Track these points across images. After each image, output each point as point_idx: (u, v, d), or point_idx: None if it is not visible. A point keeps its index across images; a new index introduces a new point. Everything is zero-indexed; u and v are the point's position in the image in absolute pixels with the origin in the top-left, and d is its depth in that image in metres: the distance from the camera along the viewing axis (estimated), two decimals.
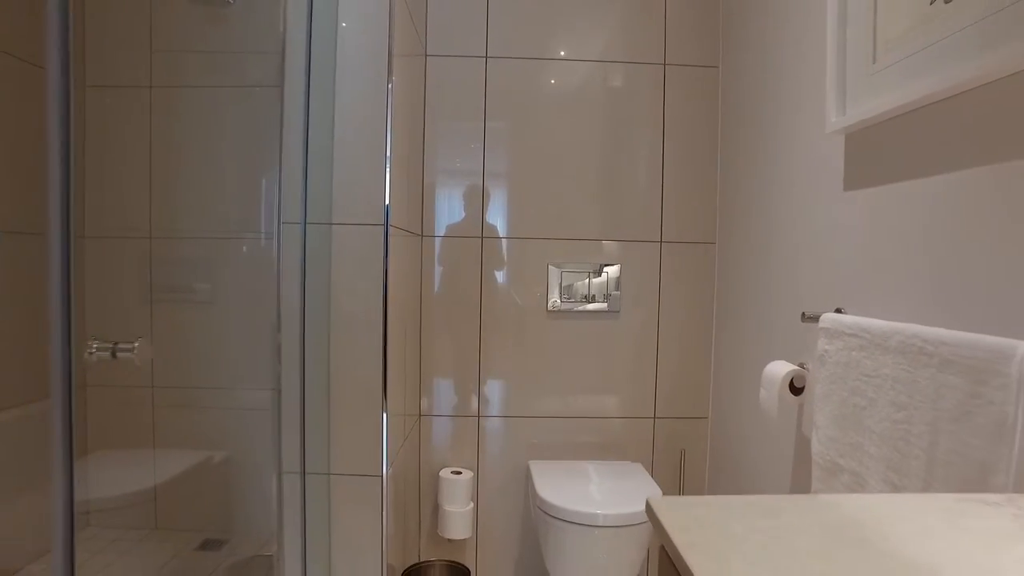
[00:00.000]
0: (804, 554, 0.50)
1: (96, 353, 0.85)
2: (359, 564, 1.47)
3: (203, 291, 2.17)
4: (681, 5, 1.97)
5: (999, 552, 0.50)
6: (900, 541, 0.52)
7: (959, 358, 0.83)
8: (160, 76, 2.31)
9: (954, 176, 0.95)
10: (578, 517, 1.54)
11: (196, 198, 2.24)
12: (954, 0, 0.93)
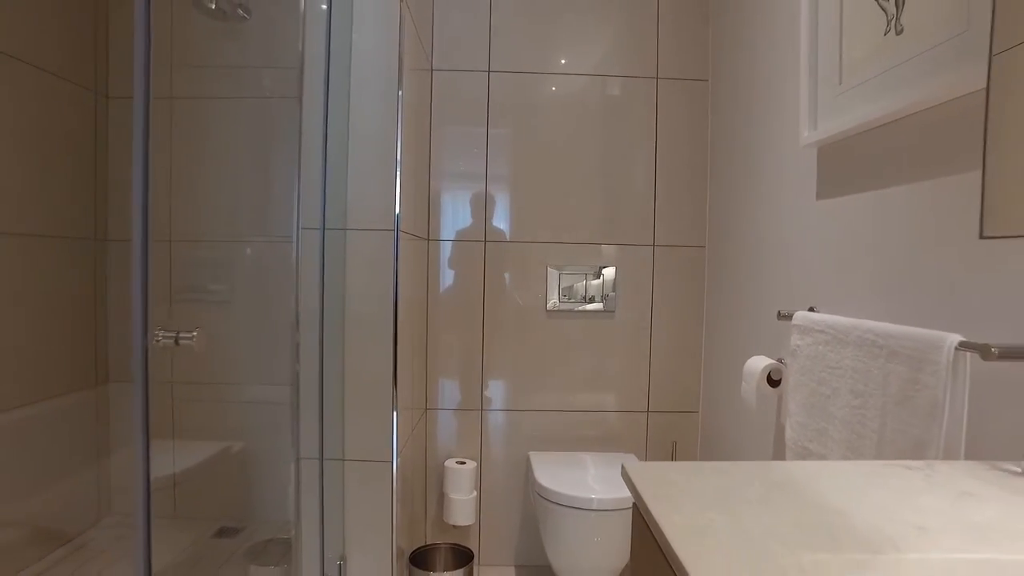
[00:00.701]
0: (744, 500, 0.61)
1: (162, 341, 0.95)
2: (371, 545, 1.59)
3: (222, 291, 2.30)
4: (673, 22, 2.09)
5: (903, 501, 0.62)
6: (825, 493, 0.64)
7: (903, 349, 0.94)
8: (180, 87, 2.44)
9: (901, 189, 1.07)
10: (574, 501, 1.66)
11: (217, 204, 2.36)
12: (904, 33, 1.05)
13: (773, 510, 0.59)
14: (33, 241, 2.04)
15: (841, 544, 0.52)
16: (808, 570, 0.48)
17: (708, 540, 0.53)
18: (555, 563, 1.77)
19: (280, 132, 2.00)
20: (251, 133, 2.22)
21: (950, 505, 0.61)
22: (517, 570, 2.12)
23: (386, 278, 1.53)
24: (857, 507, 0.60)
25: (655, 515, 0.59)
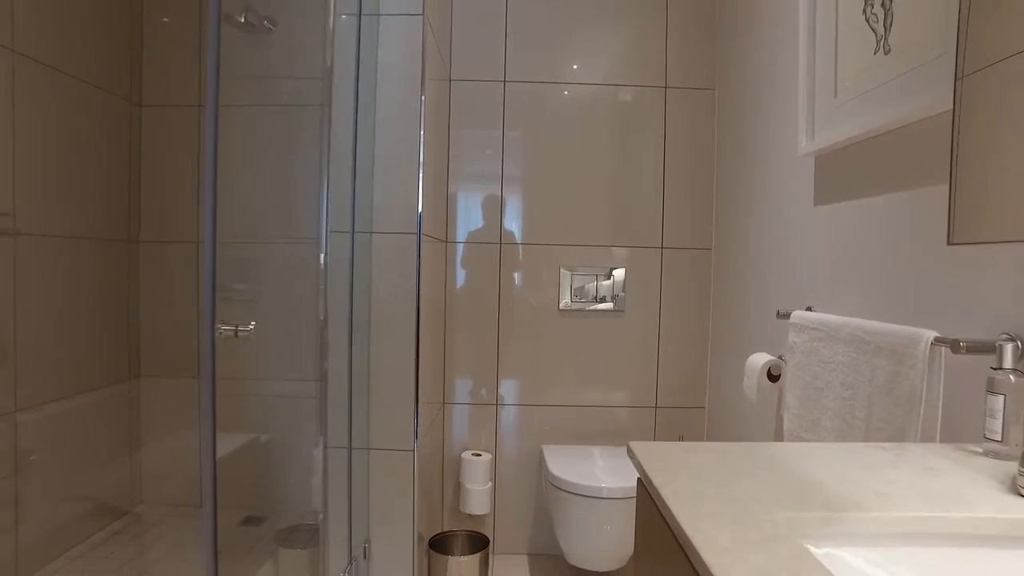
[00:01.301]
0: (733, 473, 0.71)
1: (223, 332, 1.04)
2: (394, 529, 1.69)
3: (249, 291, 2.41)
4: (681, 34, 2.18)
5: (872, 475, 0.71)
6: (804, 468, 0.73)
7: (886, 344, 1.03)
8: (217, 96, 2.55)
9: (887, 198, 1.16)
10: (586, 490, 1.75)
11: (248, 207, 2.48)
12: (891, 53, 1.13)
13: (758, 481, 0.68)
14: (71, 242, 2.16)
15: (812, 505, 0.61)
16: (780, 523, 0.57)
17: (700, 503, 0.62)
18: (567, 550, 1.87)
19: (309, 139, 2.10)
20: (280, 140, 2.33)
21: (912, 477, 0.70)
22: (530, 558, 2.22)
23: (409, 279, 1.63)
24: (831, 479, 0.69)
25: (656, 484, 0.68)
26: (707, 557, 0.50)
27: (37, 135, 1.96)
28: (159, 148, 2.55)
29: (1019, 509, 0.61)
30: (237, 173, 2.52)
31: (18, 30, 1.87)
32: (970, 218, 0.81)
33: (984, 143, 0.79)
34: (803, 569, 0.48)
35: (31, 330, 1.96)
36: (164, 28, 2.53)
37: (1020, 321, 0.85)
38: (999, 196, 0.78)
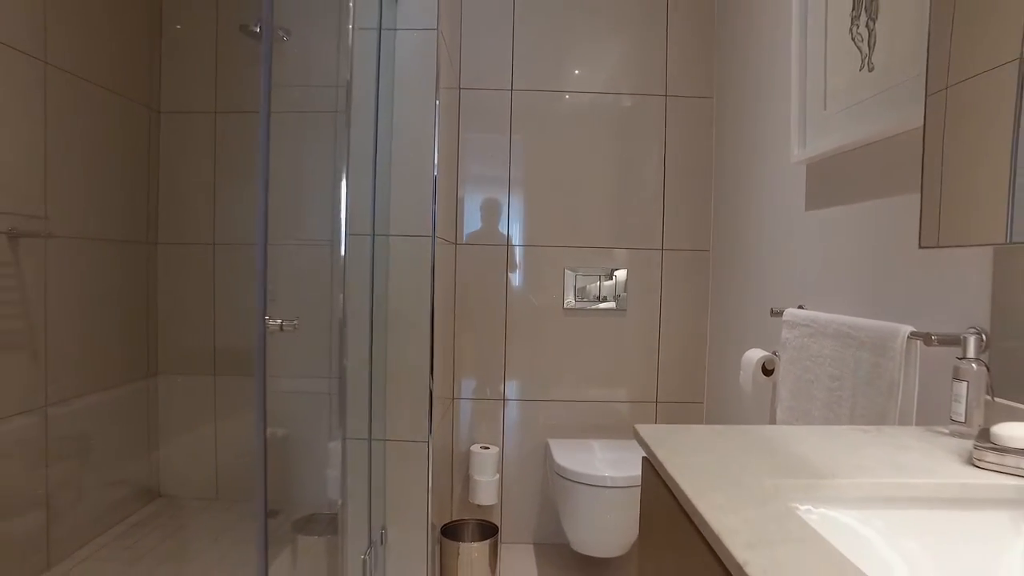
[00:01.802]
0: (728, 450, 0.80)
1: (270, 326, 1.11)
2: (408, 516, 1.79)
3: (272, 291, 2.51)
4: (681, 45, 2.28)
5: (851, 452, 0.80)
6: (791, 446, 0.82)
7: (868, 339, 1.13)
8: (224, 103, 2.65)
9: (870, 204, 1.25)
10: (590, 479, 1.85)
11: (273, 210, 2.57)
12: (875, 71, 1.23)
13: (749, 456, 0.78)
14: (94, 244, 2.25)
15: (796, 474, 0.71)
16: (767, 488, 0.67)
17: (700, 473, 0.72)
18: (572, 537, 1.96)
19: (328, 145, 2.19)
20: (298, 145, 2.42)
21: (886, 453, 0.80)
22: (536, 547, 2.31)
23: (423, 280, 1.72)
24: (814, 455, 0.79)
25: (660, 459, 0.78)
26: (706, 514, 0.60)
27: (65, 142, 2.05)
28: (176, 153, 2.64)
29: (972, 477, 0.70)
30: (257, 176, 2.61)
31: (49, 42, 1.96)
32: (938, 224, 0.91)
33: (951, 156, 0.89)
34: (788, 521, 0.58)
35: (59, 329, 2.05)
36: (181, 37, 2.62)
37: (985, 316, 0.94)
38: (964, 204, 0.87)
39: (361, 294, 1.68)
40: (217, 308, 2.65)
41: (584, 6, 2.28)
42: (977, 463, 0.74)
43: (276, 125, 2.56)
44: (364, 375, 1.67)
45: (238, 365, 2.66)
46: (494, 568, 1.96)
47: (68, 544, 2.11)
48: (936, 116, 0.91)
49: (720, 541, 0.55)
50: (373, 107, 1.66)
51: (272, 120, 2.61)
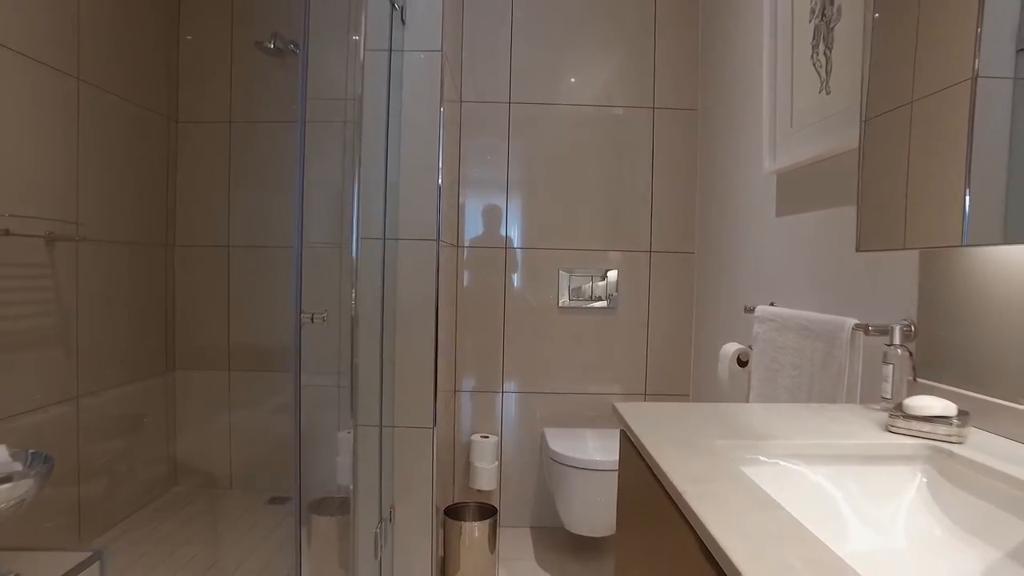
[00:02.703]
0: (687, 421, 0.96)
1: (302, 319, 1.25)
2: (414, 498, 1.94)
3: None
4: (668, 60, 2.44)
5: (792, 422, 0.96)
6: (742, 419, 0.98)
7: (822, 331, 1.29)
8: (238, 113, 2.81)
9: (825, 212, 1.41)
10: (582, 463, 2.01)
11: (275, 215, 2.73)
12: (831, 94, 1.39)
13: (706, 426, 0.94)
14: (118, 247, 2.40)
15: (741, 437, 0.86)
16: (716, 447, 0.83)
17: (661, 437, 0.87)
18: (565, 518, 2.12)
19: (342, 153, 2.33)
20: (314, 154, 2.58)
21: (821, 424, 0.95)
22: (532, 530, 2.47)
23: (429, 279, 1.88)
24: (759, 425, 0.94)
25: (632, 428, 0.93)
26: (663, 464, 0.76)
27: (95, 151, 2.21)
28: (192, 160, 2.80)
29: (883, 439, 0.86)
30: (268, 183, 2.77)
31: (81, 58, 2.11)
32: (868, 231, 1.07)
33: (883, 172, 1.05)
34: (724, 467, 0.74)
35: (88, 326, 2.20)
36: (198, 51, 2.77)
37: (915, 309, 1.10)
38: (894, 214, 1.03)
39: (373, 293, 1.84)
40: (231, 307, 2.81)
41: (577, 25, 2.44)
42: (891, 429, 0.90)
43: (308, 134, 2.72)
44: (376, 367, 1.83)
45: (251, 361, 2.82)
46: (493, 546, 2.11)
47: (97, 526, 2.26)
48: (872, 138, 1.07)
49: (669, 480, 0.70)
50: (384, 120, 1.82)
51: (292, 129, 2.76)
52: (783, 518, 0.59)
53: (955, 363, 0.99)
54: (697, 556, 0.62)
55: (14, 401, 1.84)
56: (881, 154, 1.05)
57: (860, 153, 1.09)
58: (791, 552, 0.52)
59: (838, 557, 0.51)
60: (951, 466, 0.80)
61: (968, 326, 0.97)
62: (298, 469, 1.33)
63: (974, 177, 0.88)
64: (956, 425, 0.85)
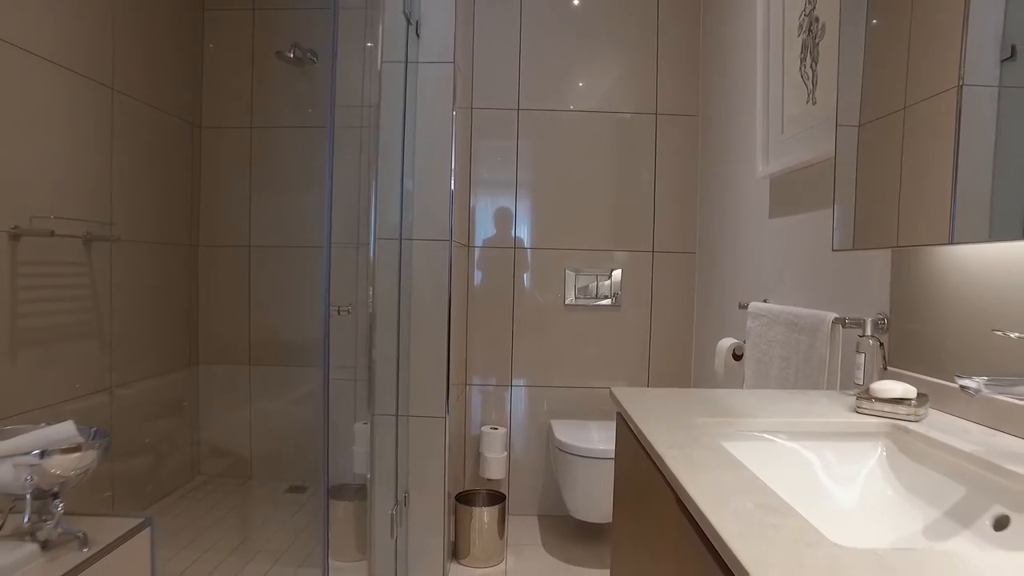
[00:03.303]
0: (677, 405, 1.07)
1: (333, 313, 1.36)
2: (428, 483, 2.06)
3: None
4: (670, 67, 2.54)
5: (772, 404, 1.07)
6: (726, 401, 1.09)
7: (807, 324, 1.39)
8: (259, 119, 2.94)
9: (811, 214, 1.52)
10: (586, 452, 2.12)
11: (295, 215, 2.87)
12: (816, 104, 1.50)
13: (692, 406, 1.05)
14: (147, 247, 2.54)
15: (723, 416, 0.97)
16: (699, 423, 0.93)
17: (651, 416, 0.98)
18: (571, 505, 2.23)
19: (359, 157, 2.45)
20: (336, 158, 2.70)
21: (796, 406, 1.06)
22: (540, 518, 2.58)
23: (442, 278, 2.00)
24: (740, 407, 1.05)
25: (626, 408, 1.04)
26: (650, 436, 0.87)
27: (126, 156, 2.34)
28: (215, 164, 2.93)
29: (851, 419, 0.97)
30: (287, 186, 2.90)
31: (116, 69, 2.25)
32: (840, 233, 1.17)
33: (858, 178, 1.15)
34: (704, 439, 0.85)
35: (121, 321, 2.33)
36: (220, 60, 2.90)
37: (887, 304, 1.20)
38: (866, 216, 1.14)
39: (390, 291, 1.95)
40: (252, 305, 2.94)
41: (583, 35, 2.55)
42: (858, 410, 1.00)
43: (316, 139, 2.84)
44: (392, 361, 1.95)
45: (271, 356, 2.95)
46: (502, 532, 2.23)
47: (133, 506, 2.40)
48: (844, 147, 1.18)
49: (654, 448, 0.82)
50: (401, 128, 1.94)
51: (310, 134, 2.89)
52: (746, 476, 0.70)
53: (921, 352, 1.10)
54: (676, 511, 0.74)
55: (62, 389, 1.98)
56: (871, 158, 1.15)
57: (835, 162, 1.20)
58: (748, 499, 0.63)
59: (786, 503, 0.62)
60: (907, 441, 0.91)
61: (931, 319, 1.07)
62: (325, 456, 1.44)
63: (961, 180, 0.93)
64: (914, 406, 0.95)
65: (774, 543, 0.52)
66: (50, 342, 1.96)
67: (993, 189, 0.92)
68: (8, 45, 1.74)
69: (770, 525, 0.56)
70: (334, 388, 2.69)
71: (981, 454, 0.77)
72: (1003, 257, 0.92)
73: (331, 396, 2.74)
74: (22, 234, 1.82)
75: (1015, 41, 0.90)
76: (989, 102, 0.93)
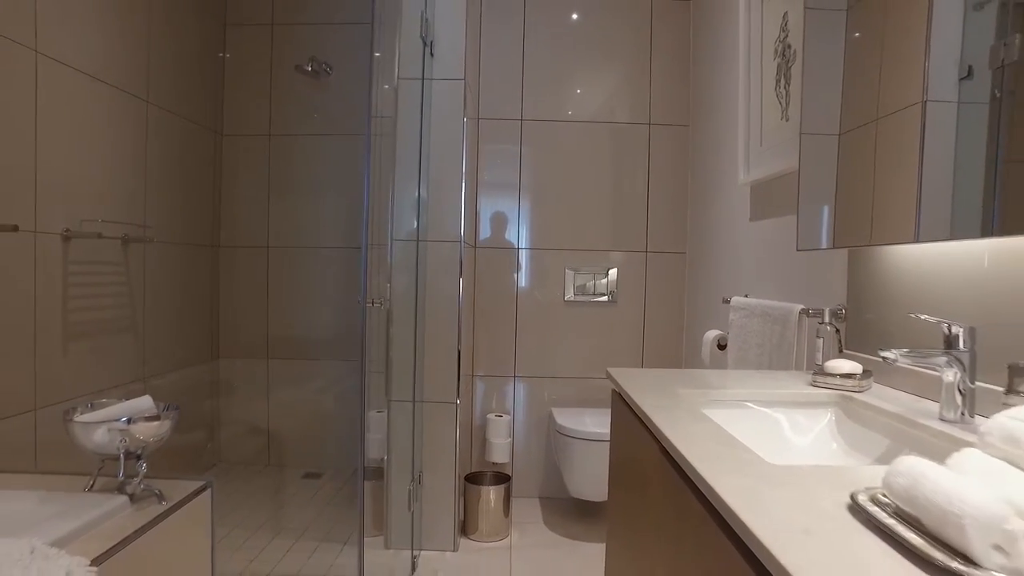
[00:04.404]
0: (664, 381, 1.26)
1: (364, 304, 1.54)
2: (439, 464, 2.25)
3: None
4: (662, 80, 2.74)
5: (744, 381, 1.26)
6: (706, 378, 1.28)
7: (778, 315, 1.59)
8: (277, 127, 3.12)
9: (783, 219, 1.71)
10: (584, 435, 2.31)
11: (315, 217, 3.06)
12: (789, 121, 1.69)
13: (675, 382, 1.24)
14: (175, 248, 2.72)
15: (699, 387, 1.17)
16: (679, 393, 1.13)
17: (642, 389, 1.18)
18: (569, 485, 2.42)
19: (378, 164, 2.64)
20: (350, 164, 2.90)
21: (762, 381, 1.25)
22: (541, 500, 2.77)
23: (453, 276, 2.19)
24: (716, 382, 1.25)
25: (621, 384, 1.24)
26: (641, 403, 1.06)
27: (158, 163, 2.53)
28: (235, 170, 3.11)
29: (808, 391, 1.16)
30: (303, 190, 3.08)
31: (151, 83, 2.43)
32: (803, 235, 1.37)
33: (808, 190, 1.35)
34: (683, 404, 1.04)
35: (153, 316, 2.52)
36: (240, 72, 3.09)
37: (844, 296, 1.40)
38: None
39: (408, 288, 2.14)
40: (270, 303, 3.12)
41: (581, 51, 2.74)
42: (814, 384, 1.20)
43: (330, 146, 3.02)
44: (409, 351, 2.14)
45: (288, 350, 3.14)
46: (507, 510, 2.42)
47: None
48: (804, 158, 1.37)
49: (643, 411, 1.01)
50: (418, 138, 2.13)
51: (326, 141, 3.07)
52: (713, 428, 0.89)
53: (871, 336, 1.29)
54: (659, 456, 0.93)
55: (104, 379, 2.17)
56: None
57: (799, 173, 1.39)
58: (711, 440, 0.82)
59: (740, 442, 0.81)
60: (852, 407, 1.10)
61: (877, 308, 1.27)
62: (362, 439, 1.62)
63: (925, 185, 1.07)
64: (859, 379, 1.15)
65: (725, 462, 0.72)
66: (94, 335, 2.14)
67: (954, 194, 1.07)
68: (60, 65, 1.92)
69: (725, 455, 0.75)
70: (357, 378, 2.88)
71: (904, 413, 0.97)
72: (926, 255, 1.12)
73: (351, 386, 2.94)
74: (72, 236, 2.00)
75: (971, 62, 1.02)
76: (950, 116, 1.06)
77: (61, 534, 0.99)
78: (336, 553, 2.25)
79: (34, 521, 1.02)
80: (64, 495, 1.16)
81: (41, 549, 0.89)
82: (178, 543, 1.23)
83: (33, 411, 1.84)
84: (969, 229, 1.00)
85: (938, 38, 1.08)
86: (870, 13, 1.27)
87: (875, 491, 0.58)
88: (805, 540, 0.51)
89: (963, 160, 1.03)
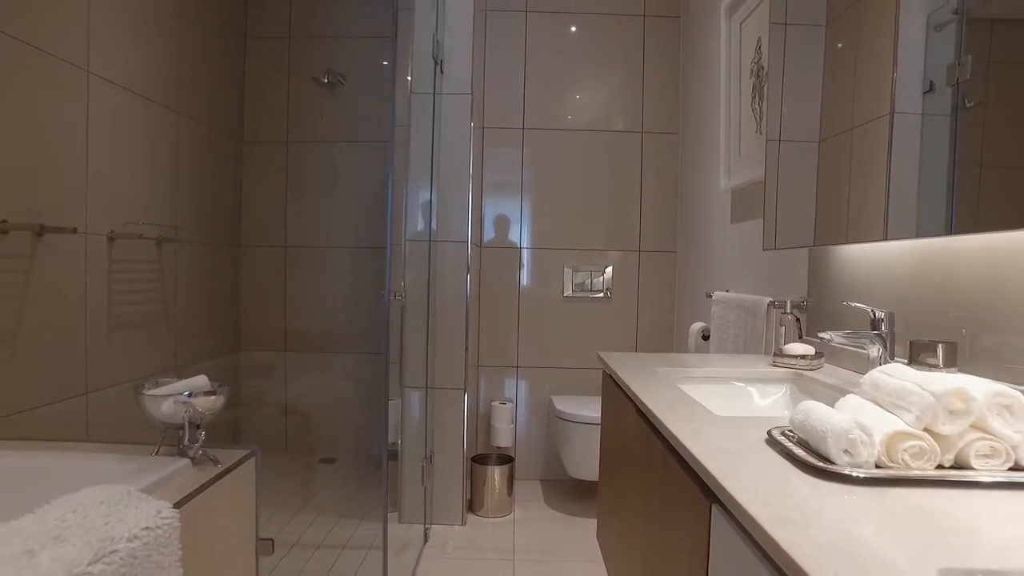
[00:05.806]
0: (647, 362, 1.47)
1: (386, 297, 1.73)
2: (448, 446, 2.45)
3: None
4: (654, 92, 2.94)
5: (712, 363, 1.47)
6: (685, 361, 1.49)
7: (751, 307, 1.79)
8: (294, 134, 3.33)
9: (758, 221, 1.92)
10: (582, 419, 2.52)
11: (335, 219, 3.26)
12: (763, 134, 1.89)
13: (657, 363, 1.44)
14: (201, 247, 2.92)
15: (680, 367, 1.37)
16: (659, 371, 1.33)
17: (628, 369, 1.38)
18: (568, 466, 2.63)
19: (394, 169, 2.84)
20: (365, 170, 3.10)
21: (731, 362, 1.46)
22: (542, 482, 2.98)
23: (461, 274, 2.39)
24: (692, 362, 1.45)
25: (610, 364, 1.44)
26: (625, 378, 1.26)
27: (187, 169, 2.73)
28: (255, 174, 3.32)
29: (768, 370, 1.37)
30: (319, 193, 3.29)
31: (183, 94, 2.64)
32: (774, 235, 1.57)
33: (781, 194, 1.55)
34: (662, 380, 1.24)
35: (182, 311, 2.72)
36: (259, 82, 3.29)
37: (806, 289, 1.60)
38: (786, 223, 1.53)
39: (419, 284, 2.35)
40: (288, 298, 3.33)
41: (579, 64, 2.94)
42: (774, 365, 1.40)
43: (344, 152, 3.22)
44: (422, 342, 2.34)
45: (303, 343, 3.34)
46: (511, 489, 2.63)
47: None
48: (773, 169, 1.58)
49: (625, 383, 1.22)
50: (430, 146, 2.33)
51: (340, 148, 3.27)
52: (680, 394, 1.10)
53: (826, 323, 1.50)
54: (636, 417, 1.14)
55: (142, 367, 2.37)
56: (779, 182, 1.55)
57: (765, 181, 1.60)
58: (676, 402, 1.03)
59: (700, 404, 1.02)
60: (804, 383, 1.31)
61: (830, 297, 1.47)
62: (385, 423, 1.82)
63: (893, 189, 1.21)
64: (811, 359, 1.36)
65: (681, 412, 0.92)
66: (133, 328, 2.35)
67: (919, 197, 1.23)
68: (107, 83, 2.13)
69: (684, 410, 0.96)
70: (368, 368, 3.09)
71: (839, 384, 1.17)
72: (866, 253, 1.32)
73: (364, 377, 3.14)
74: (116, 237, 2.21)
75: (932, 78, 1.15)
76: (914, 127, 1.19)
77: (143, 485, 1.19)
78: (355, 527, 2.46)
79: (121, 475, 1.23)
80: (137, 457, 1.37)
81: (135, 493, 1.10)
82: (230, 501, 1.44)
83: (85, 394, 2.05)
84: (933, 228, 1.11)
85: (904, 55, 1.21)
86: (846, 29, 1.39)
87: (785, 428, 0.78)
88: (729, 457, 0.72)
89: (927, 167, 1.14)
